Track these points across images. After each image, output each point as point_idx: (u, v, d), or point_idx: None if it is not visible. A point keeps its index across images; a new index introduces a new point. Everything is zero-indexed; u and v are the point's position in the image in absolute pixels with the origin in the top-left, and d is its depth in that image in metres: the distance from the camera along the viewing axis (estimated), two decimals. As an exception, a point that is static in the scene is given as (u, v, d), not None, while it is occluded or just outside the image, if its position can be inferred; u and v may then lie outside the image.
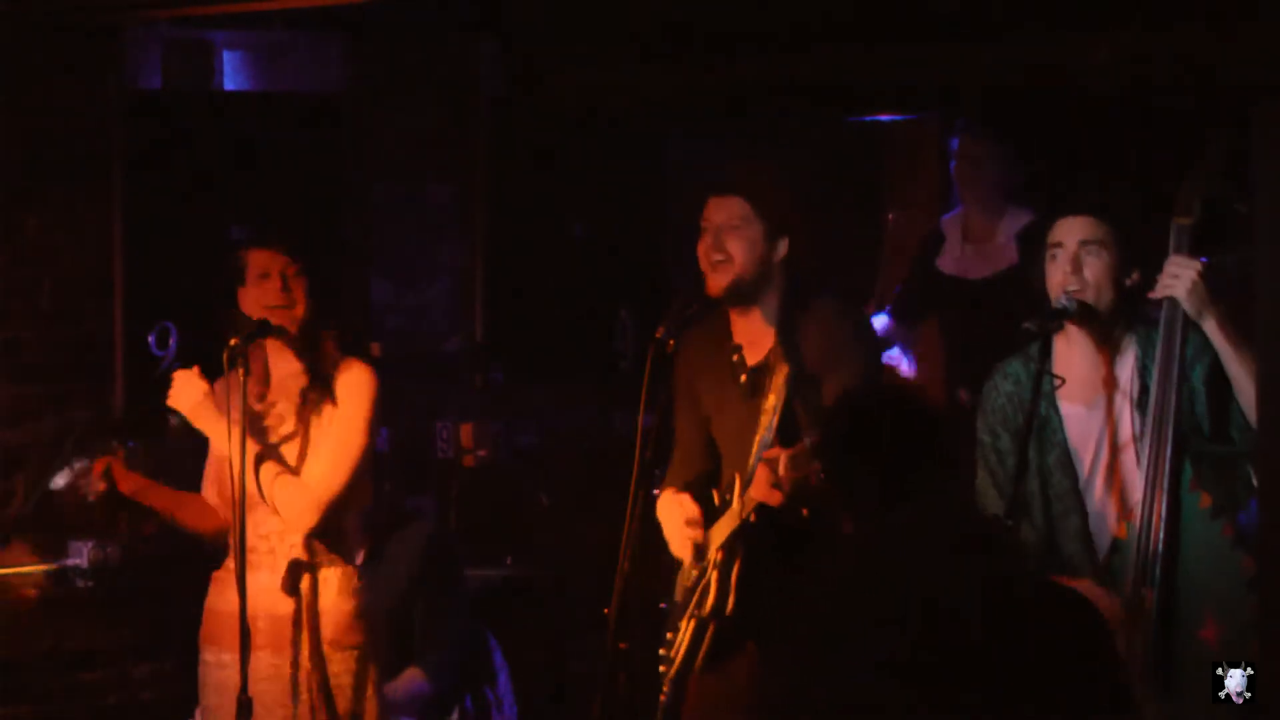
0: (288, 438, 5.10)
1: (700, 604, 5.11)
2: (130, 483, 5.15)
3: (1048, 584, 3.84)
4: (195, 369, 5.10)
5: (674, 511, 5.22)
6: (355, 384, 5.09)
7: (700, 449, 5.27)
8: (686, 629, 5.15)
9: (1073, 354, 4.74)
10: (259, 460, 5.04)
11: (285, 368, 5.12)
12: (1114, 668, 3.62)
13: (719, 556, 5.09)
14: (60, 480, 5.40)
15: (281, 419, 5.11)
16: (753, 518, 4.98)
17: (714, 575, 5.08)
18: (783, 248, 5.06)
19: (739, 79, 6.27)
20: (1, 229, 6.47)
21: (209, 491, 5.25)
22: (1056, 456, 4.73)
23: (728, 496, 5.10)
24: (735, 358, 5.15)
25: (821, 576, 3.86)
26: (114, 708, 6.70)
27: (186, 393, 5.07)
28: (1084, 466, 4.71)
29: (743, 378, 5.13)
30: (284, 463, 5.06)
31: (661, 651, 5.21)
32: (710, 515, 5.19)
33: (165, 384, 5.13)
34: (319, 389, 5.08)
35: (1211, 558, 4.54)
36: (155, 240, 6.69)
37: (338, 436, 5.05)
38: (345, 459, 5.05)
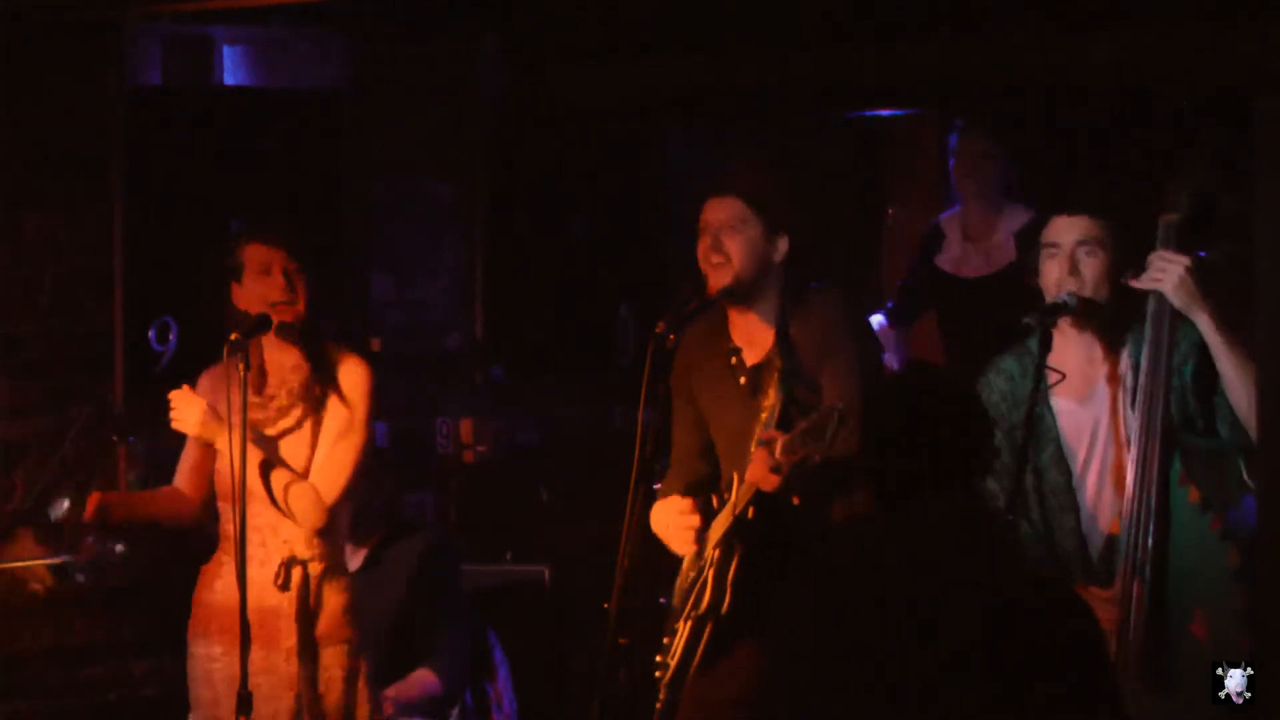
0: (289, 431, 5.11)
1: (697, 603, 5.12)
2: (119, 510, 5.18)
3: (1045, 582, 3.84)
4: (186, 387, 5.11)
5: (666, 511, 5.23)
6: (354, 378, 5.10)
7: (697, 453, 5.27)
8: (684, 630, 5.16)
9: (1067, 349, 4.74)
10: (267, 466, 5.04)
11: (284, 361, 5.13)
12: (1105, 670, 3.62)
13: (715, 554, 5.10)
14: (53, 514, 5.43)
15: (282, 413, 5.12)
16: (750, 513, 4.98)
17: (710, 574, 5.09)
18: (782, 246, 5.08)
19: (739, 78, 6.27)
20: (1, 226, 6.47)
21: (181, 479, 5.26)
22: (1050, 453, 4.73)
23: (726, 495, 5.11)
24: (734, 360, 5.15)
25: (816, 571, 3.87)
26: (114, 704, 6.69)
27: (188, 413, 5.07)
28: (1077, 463, 4.72)
29: (742, 379, 5.13)
30: (286, 465, 5.06)
31: (658, 658, 5.21)
32: (709, 518, 5.19)
33: (167, 388, 5.13)
34: (324, 381, 5.09)
35: (1200, 551, 4.54)
36: (155, 236, 6.69)
37: (341, 434, 5.07)
38: (349, 458, 5.07)
